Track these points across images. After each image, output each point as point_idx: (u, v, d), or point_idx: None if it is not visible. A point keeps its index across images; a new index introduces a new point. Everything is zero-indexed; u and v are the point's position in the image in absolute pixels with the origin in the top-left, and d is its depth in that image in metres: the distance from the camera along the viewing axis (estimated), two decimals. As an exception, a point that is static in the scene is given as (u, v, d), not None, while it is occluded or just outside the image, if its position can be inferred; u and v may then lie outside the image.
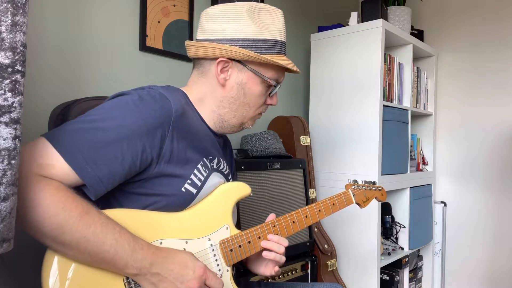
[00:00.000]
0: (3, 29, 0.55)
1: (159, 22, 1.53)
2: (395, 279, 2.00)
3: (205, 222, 0.86)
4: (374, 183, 1.16)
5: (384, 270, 2.00)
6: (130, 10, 1.45)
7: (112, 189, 0.74)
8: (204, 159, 0.88)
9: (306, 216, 0.99)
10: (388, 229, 2.06)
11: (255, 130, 1.94)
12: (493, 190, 2.24)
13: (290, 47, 2.17)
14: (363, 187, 1.12)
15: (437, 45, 2.45)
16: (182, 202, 0.83)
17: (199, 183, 0.85)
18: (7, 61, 0.55)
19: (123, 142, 0.72)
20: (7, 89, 0.55)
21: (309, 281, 1.66)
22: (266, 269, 0.95)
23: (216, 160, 0.92)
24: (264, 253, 0.90)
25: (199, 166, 0.86)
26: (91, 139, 0.70)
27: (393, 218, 2.09)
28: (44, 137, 0.69)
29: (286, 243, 0.91)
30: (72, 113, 0.97)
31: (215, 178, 0.90)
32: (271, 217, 0.96)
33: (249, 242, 0.90)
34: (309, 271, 1.66)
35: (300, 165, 1.72)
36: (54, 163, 0.67)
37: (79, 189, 0.71)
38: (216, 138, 0.96)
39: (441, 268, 2.39)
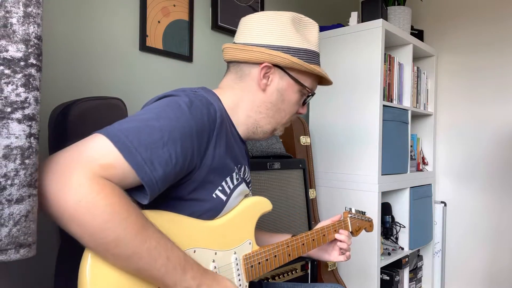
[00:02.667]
0: (14, 20, 0.52)
1: (159, 22, 1.53)
2: (395, 279, 2.00)
3: (232, 235, 0.85)
4: (364, 213, 1.24)
5: (384, 270, 2.00)
6: (130, 10, 1.45)
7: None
8: (236, 167, 0.88)
9: (313, 240, 1.05)
10: (388, 229, 2.06)
11: (255, 130, 1.94)
12: (493, 190, 2.24)
13: (290, 47, 2.17)
14: (357, 217, 1.20)
15: (437, 45, 2.45)
16: (213, 208, 0.82)
17: (228, 191, 0.84)
18: (19, 54, 0.52)
19: (177, 144, 0.70)
20: (19, 83, 0.52)
21: (309, 281, 1.66)
22: (331, 256, 1.11)
23: (243, 169, 0.93)
24: (339, 243, 1.09)
25: (233, 174, 0.86)
26: (147, 139, 0.67)
27: (393, 218, 2.09)
28: (102, 134, 0.65)
29: (351, 239, 1.12)
30: (72, 113, 0.97)
31: (242, 187, 0.90)
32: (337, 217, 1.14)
33: (267, 260, 0.92)
34: (309, 271, 1.66)
35: (300, 165, 1.72)
36: (115, 163, 0.63)
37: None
38: (243, 145, 0.95)
39: (441, 268, 2.39)
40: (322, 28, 2.08)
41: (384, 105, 1.87)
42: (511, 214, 2.18)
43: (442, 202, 2.40)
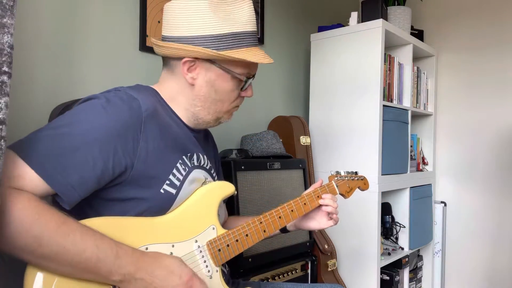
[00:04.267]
0: None
1: (159, 22, 1.53)
2: (395, 279, 2.00)
3: (190, 224, 0.84)
4: (356, 173, 1.16)
5: (384, 270, 2.00)
6: (130, 10, 1.45)
7: (87, 196, 0.72)
8: (184, 157, 0.86)
9: (292, 211, 1.00)
10: (388, 229, 2.06)
11: (255, 130, 1.94)
12: (493, 190, 2.24)
13: (290, 47, 2.17)
14: (346, 178, 1.12)
15: (437, 45, 2.45)
16: (163, 204, 0.80)
17: (177, 183, 0.82)
18: None
19: (93, 146, 0.70)
20: None
21: (309, 281, 1.66)
22: (321, 224, 1.05)
23: (195, 156, 0.90)
24: (324, 208, 1.03)
25: (178, 165, 0.83)
26: (58, 146, 0.68)
27: (393, 218, 2.09)
28: (10, 149, 0.66)
29: (336, 202, 1.05)
30: (72, 113, 0.97)
31: (196, 175, 0.87)
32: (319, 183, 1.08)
33: (237, 240, 0.89)
34: (309, 271, 1.66)
35: (300, 165, 1.72)
36: (23, 174, 0.65)
37: (56, 202, 0.69)
38: (193, 133, 0.93)
39: (441, 268, 2.39)
40: (322, 28, 2.08)
41: (384, 105, 1.87)
42: (511, 214, 2.18)
43: (442, 202, 2.40)
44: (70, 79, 1.29)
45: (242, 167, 1.46)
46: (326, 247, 1.80)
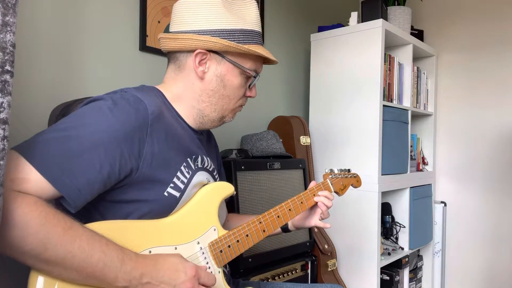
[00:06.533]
0: None
1: (159, 22, 1.53)
2: (395, 279, 2.00)
3: (192, 226, 0.84)
4: (349, 170, 1.17)
5: (384, 270, 2.00)
6: (130, 10, 1.45)
7: (92, 199, 0.71)
8: (188, 159, 0.85)
9: (290, 210, 1.00)
10: (388, 229, 2.06)
11: (255, 130, 1.94)
12: (493, 190, 2.24)
13: (290, 47, 2.17)
14: (340, 176, 1.13)
15: (437, 45, 2.45)
16: (166, 207, 0.80)
17: (182, 186, 0.82)
18: None
19: (99, 149, 0.69)
20: None
21: (309, 281, 1.66)
22: (311, 222, 1.07)
23: (199, 159, 0.90)
24: (319, 204, 1.04)
25: (182, 168, 0.83)
26: (65, 149, 0.67)
27: (393, 218, 2.09)
28: (15, 150, 0.65)
29: (332, 200, 1.06)
30: (72, 113, 0.97)
31: (199, 177, 0.87)
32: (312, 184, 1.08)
33: (238, 241, 0.90)
34: (309, 271, 1.66)
35: (300, 165, 1.72)
36: (29, 177, 0.63)
37: (60, 205, 0.68)
38: (197, 135, 0.93)
39: (441, 268, 2.39)
40: (322, 28, 2.08)
41: (384, 105, 1.87)
42: (511, 214, 2.18)
43: (442, 202, 2.40)
44: (70, 79, 1.29)
45: (242, 167, 1.46)
46: (326, 247, 1.80)
